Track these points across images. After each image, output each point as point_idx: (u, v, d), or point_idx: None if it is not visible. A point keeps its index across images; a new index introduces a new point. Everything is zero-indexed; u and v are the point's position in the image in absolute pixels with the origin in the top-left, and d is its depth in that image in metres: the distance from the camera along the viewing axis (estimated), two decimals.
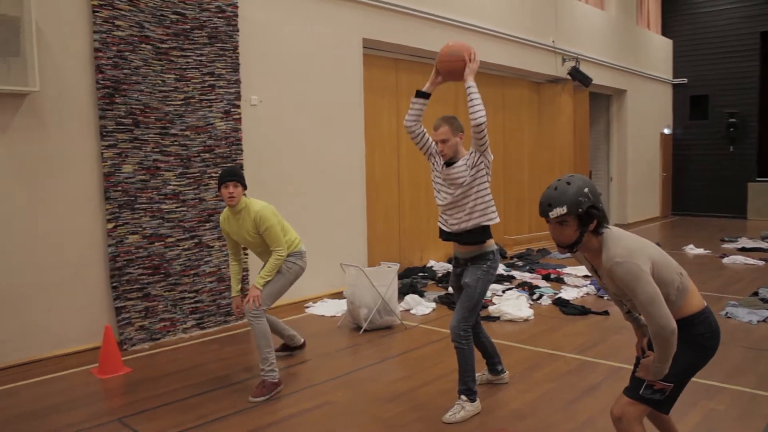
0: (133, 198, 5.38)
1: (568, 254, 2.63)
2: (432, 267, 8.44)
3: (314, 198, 6.95)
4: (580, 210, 2.46)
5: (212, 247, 5.90)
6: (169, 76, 5.62)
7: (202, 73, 5.85)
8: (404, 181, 8.41)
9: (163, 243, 5.55)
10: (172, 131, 5.64)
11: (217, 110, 5.97)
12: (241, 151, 6.16)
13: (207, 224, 5.86)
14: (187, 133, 5.76)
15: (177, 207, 5.66)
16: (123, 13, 5.30)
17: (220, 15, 5.96)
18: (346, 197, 7.31)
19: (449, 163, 3.83)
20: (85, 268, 5.19)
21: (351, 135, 7.34)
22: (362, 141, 7.46)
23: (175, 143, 5.66)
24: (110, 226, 5.25)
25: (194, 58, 5.79)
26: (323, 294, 6.90)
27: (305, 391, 4.32)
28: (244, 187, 4.24)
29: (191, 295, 5.74)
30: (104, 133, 5.21)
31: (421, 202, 8.64)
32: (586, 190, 2.48)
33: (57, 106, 4.99)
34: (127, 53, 5.33)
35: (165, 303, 5.56)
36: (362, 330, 5.69)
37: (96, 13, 5.14)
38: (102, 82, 5.18)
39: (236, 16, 6.08)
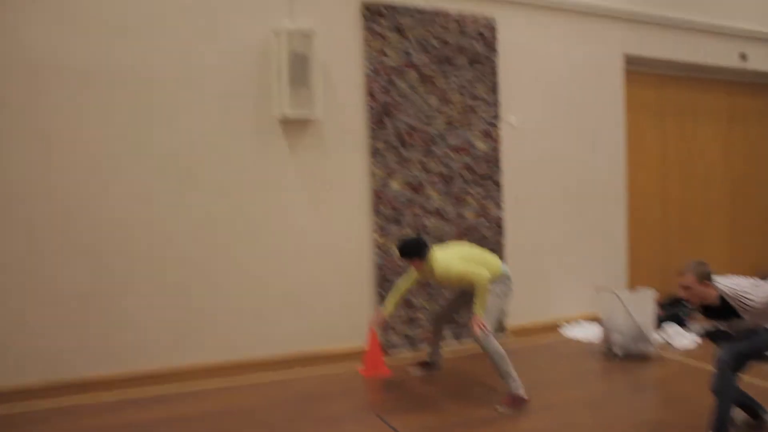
0: (399, 212, 5.79)
1: None
2: None
3: (571, 217, 6.84)
4: None
5: None
6: (432, 99, 5.98)
7: (463, 95, 6.14)
8: (671, 204, 7.90)
9: None
10: (436, 151, 5.98)
11: (477, 131, 6.21)
12: (500, 169, 6.31)
13: (465, 239, 6.07)
14: (449, 152, 6.06)
15: (438, 222, 5.96)
16: (392, 43, 5.79)
17: (479, 39, 6.22)
18: (605, 218, 7.08)
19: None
20: (354, 274, 5.68)
21: (611, 154, 7.12)
22: (623, 160, 7.19)
23: (438, 162, 5.99)
24: (378, 238, 5.70)
25: (456, 81, 6.10)
26: (579, 316, 6.71)
27: (550, 410, 4.26)
28: (421, 258, 4.57)
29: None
30: (375, 153, 5.71)
31: (692, 226, 8.04)
32: None
33: (335, 129, 5.59)
34: (395, 79, 5.80)
35: (425, 313, 5.84)
36: (616, 356, 5.46)
37: (369, 45, 5.69)
38: (373, 106, 5.70)
39: (495, 39, 6.30)
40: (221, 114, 5.21)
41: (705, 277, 3.52)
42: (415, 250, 4.58)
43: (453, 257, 4.56)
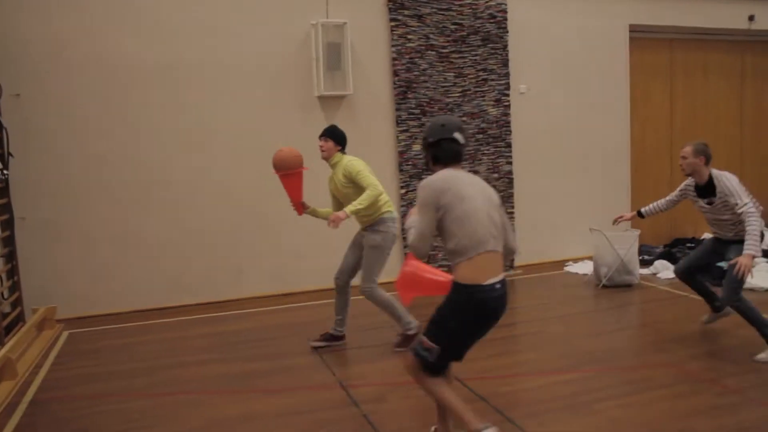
0: (420, 170, 7.06)
1: None
2: (703, 239, 8.69)
3: (578, 173, 7.90)
4: None
5: None
6: (449, 74, 7.15)
7: (477, 69, 7.27)
8: (677, 156, 8.77)
9: None
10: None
11: (489, 99, 7.35)
12: (510, 132, 7.45)
13: None
14: (464, 118, 7.23)
15: None
16: (413, 28, 6.97)
17: (491, 20, 7.29)
18: (610, 170, 8.09)
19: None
20: None
21: (615, 114, 8.09)
22: (627, 120, 8.15)
23: None
24: (402, 191, 7.01)
25: (470, 58, 7.24)
26: (584, 257, 7.82)
27: (530, 323, 5.54)
28: (337, 143, 4.76)
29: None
30: (399, 121, 6.98)
31: None
32: None
33: (365, 103, 6.89)
34: (416, 59, 7.00)
35: (443, 253, 7.11)
36: (601, 285, 6.60)
37: (393, 31, 6.90)
38: (398, 83, 6.94)
39: (505, 20, 7.35)
40: (271, 92, 6.60)
41: (701, 153, 4.55)
42: (337, 133, 4.81)
43: (361, 162, 4.74)
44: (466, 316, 2.87)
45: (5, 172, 5.55)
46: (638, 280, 6.71)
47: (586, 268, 7.46)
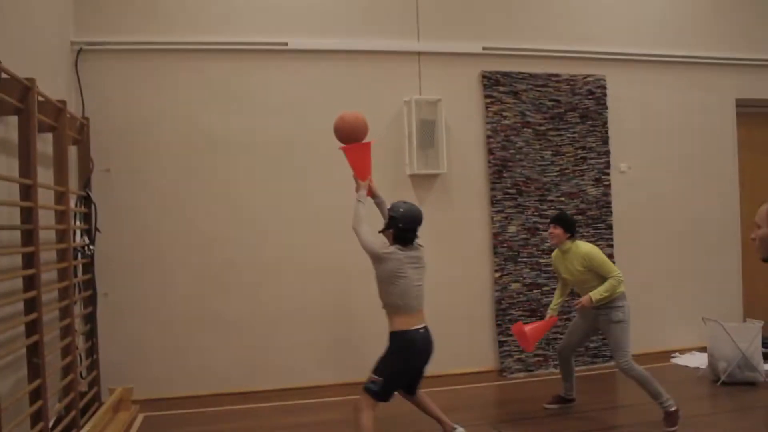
0: (516, 253, 6.67)
1: None
2: None
3: (684, 257, 7.33)
4: None
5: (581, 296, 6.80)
6: (546, 152, 6.83)
7: (575, 147, 6.92)
8: None
9: (539, 290, 6.69)
10: (549, 198, 6.81)
11: (588, 178, 6.96)
12: (611, 213, 7.00)
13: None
14: (562, 198, 6.85)
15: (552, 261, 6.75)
16: (509, 105, 6.72)
17: (590, 96, 6.98)
18: (719, 254, 7.48)
19: None
20: (476, 308, 6.61)
21: (724, 193, 7.54)
22: (736, 199, 7.59)
23: (552, 207, 6.79)
24: (497, 275, 6.61)
25: (568, 135, 6.91)
26: (692, 347, 7.15)
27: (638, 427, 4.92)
28: (566, 230, 5.00)
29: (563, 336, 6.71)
30: (494, 201, 6.65)
31: None
32: None
33: (459, 182, 6.61)
34: (512, 137, 6.72)
35: (539, 342, 6.62)
36: (720, 382, 5.93)
37: (488, 108, 6.66)
38: (493, 161, 6.65)
39: (605, 95, 7.03)
40: None
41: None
42: (567, 220, 5.07)
43: (598, 251, 5.00)
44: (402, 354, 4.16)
45: (91, 247, 5.47)
46: (764, 378, 6.01)
47: (696, 360, 6.79)
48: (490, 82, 6.69)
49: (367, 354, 6.26)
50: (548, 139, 6.85)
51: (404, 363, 4.12)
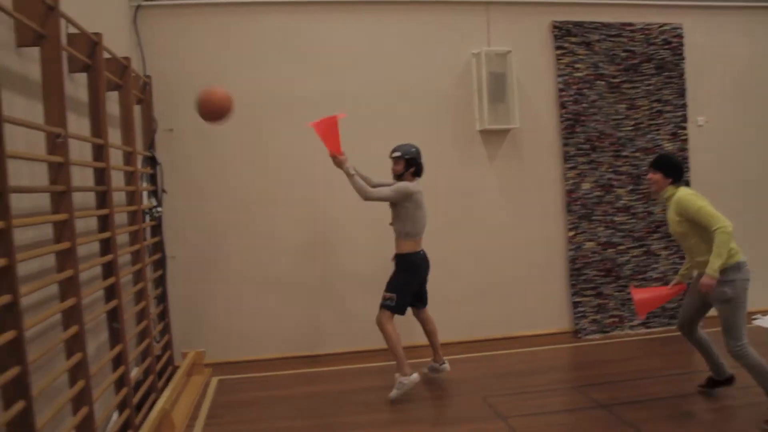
0: (590, 211, 6.38)
1: None
2: None
3: (762, 210, 6.96)
4: None
5: (659, 255, 6.52)
6: (620, 106, 6.47)
7: (650, 100, 6.55)
8: None
9: (614, 250, 6.41)
10: (624, 153, 6.48)
11: (664, 133, 6.60)
12: (688, 168, 6.64)
13: (655, 234, 6.50)
14: (637, 154, 6.51)
15: (627, 219, 6.46)
16: (581, 57, 6.37)
17: (666, 47, 6.58)
18: None
19: None
20: (549, 268, 6.36)
21: None
22: None
23: (627, 164, 6.47)
24: (571, 234, 6.34)
25: (643, 88, 6.53)
26: None
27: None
28: (667, 175, 4.21)
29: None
30: (567, 158, 6.34)
31: None
32: None
33: (530, 137, 6.30)
34: (584, 90, 6.38)
35: (615, 302, 6.38)
36: None
37: (559, 61, 6.32)
38: (565, 116, 6.33)
39: (681, 45, 6.62)
40: (429, 127, 6.12)
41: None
42: (667, 162, 4.27)
43: (700, 197, 4.15)
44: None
45: (159, 209, 5.34)
46: None
47: None
48: (562, 32, 6.34)
49: (445, 313, 6.14)
50: (622, 92, 6.49)
51: (411, 279, 4.92)
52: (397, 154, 4.94)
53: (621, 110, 6.48)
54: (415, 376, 4.79)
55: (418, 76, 6.10)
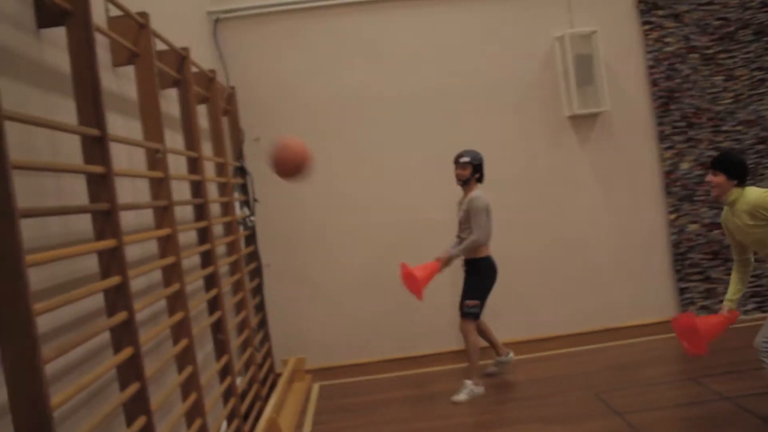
0: (691, 191, 6.05)
1: None
2: None
3: None
4: None
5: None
6: (717, 78, 6.11)
7: (750, 69, 6.15)
8: None
9: (720, 231, 6.02)
10: (724, 128, 6.11)
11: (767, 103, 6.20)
12: None
13: None
14: (739, 128, 6.13)
15: None
16: (670, 30, 6.04)
17: (764, 9, 6.17)
18: None
19: None
20: (650, 253, 6.05)
21: None
22: None
23: (728, 139, 6.10)
24: (672, 216, 6.02)
25: (741, 57, 6.14)
26: None
27: None
28: (731, 177, 3.64)
29: (752, 279, 6.05)
30: (662, 137, 6.03)
31: None
32: None
33: (622, 119, 6.02)
34: (677, 64, 6.05)
35: (725, 285, 6.00)
36: None
37: (647, 36, 6.02)
38: (658, 93, 6.02)
39: None
40: (515, 117, 5.94)
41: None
42: (731, 162, 3.71)
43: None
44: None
45: (252, 218, 5.38)
46: None
47: None
48: (648, 6, 6.03)
49: (534, 309, 5.95)
50: (718, 63, 6.12)
51: (491, 283, 5.04)
52: (466, 159, 5.00)
53: (718, 83, 6.11)
54: (482, 389, 4.91)
55: (499, 67, 5.93)
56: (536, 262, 5.96)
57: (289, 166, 3.79)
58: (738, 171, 3.66)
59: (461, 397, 4.77)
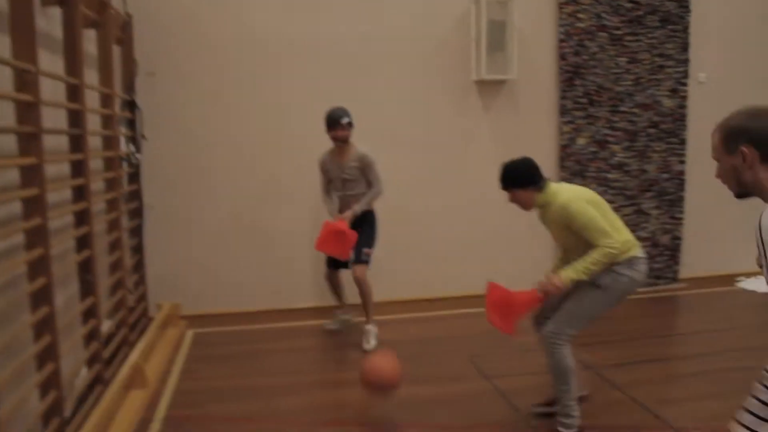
0: (584, 167, 6.21)
1: None
2: None
3: None
4: None
5: (649, 215, 6.40)
6: (621, 59, 6.23)
7: (652, 54, 6.31)
8: None
9: None
10: (622, 108, 6.27)
11: (664, 89, 6.37)
12: (685, 127, 6.45)
13: (647, 194, 6.36)
14: (635, 110, 6.31)
15: (621, 176, 6.31)
16: (584, 6, 6.09)
17: None
18: None
19: None
20: (539, 223, 6.18)
21: None
22: None
23: (624, 119, 6.27)
24: None
25: (645, 41, 6.28)
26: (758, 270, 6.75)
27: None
28: (524, 186, 3.42)
29: None
30: (564, 111, 6.13)
31: None
32: None
33: (527, 89, 6.07)
34: (586, 41, 6.12)
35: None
36: None
37: (562, 9, 6.04)
38: (565, 67, 6.09)
39: None
40: (423, 77, 5.88)
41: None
42: (516, 176, 3.43)
43: (581, 196, 3.38)
44: None
45: (137, 155, 5.12)
46: None
47: (763, 285, 6.41)
48: None
49: (422, 269, 6.00)
50: (624, 45, 6.24)
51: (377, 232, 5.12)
52: (349, 120, 4.82)
53: (621, 63, 6.24)
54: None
55: (414, 23, 5.81)
56: (430, 224, 5.99)
57: (373, 388, 3.70)
58: (525, 178, 3.41)
59: (372, 342, 4.81)
